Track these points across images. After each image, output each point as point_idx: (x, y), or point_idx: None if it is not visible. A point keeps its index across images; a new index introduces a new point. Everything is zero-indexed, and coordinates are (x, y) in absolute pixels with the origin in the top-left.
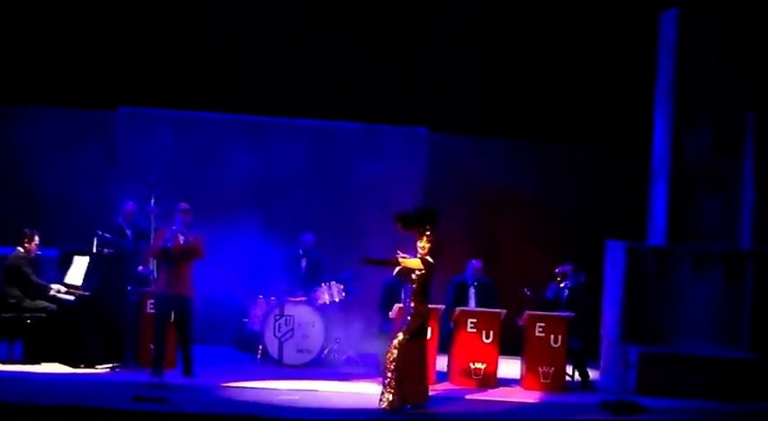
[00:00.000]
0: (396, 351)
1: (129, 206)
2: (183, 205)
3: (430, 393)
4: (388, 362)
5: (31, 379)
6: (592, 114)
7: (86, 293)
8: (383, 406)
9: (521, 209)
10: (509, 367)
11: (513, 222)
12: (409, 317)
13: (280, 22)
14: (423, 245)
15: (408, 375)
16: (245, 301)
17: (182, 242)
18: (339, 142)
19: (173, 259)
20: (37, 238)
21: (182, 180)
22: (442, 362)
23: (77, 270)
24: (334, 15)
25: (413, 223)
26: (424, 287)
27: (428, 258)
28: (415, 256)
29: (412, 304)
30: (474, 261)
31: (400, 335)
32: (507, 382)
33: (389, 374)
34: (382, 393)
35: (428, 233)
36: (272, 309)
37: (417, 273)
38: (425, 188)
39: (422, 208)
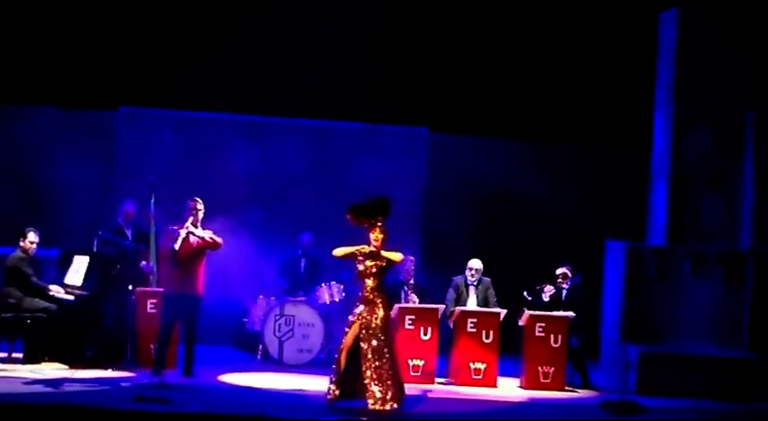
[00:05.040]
0: (387, 355)
1: (129, 206)
2: (193, 203)
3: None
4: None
5: (31, 379)
6: (592, 114)
7: (86, 293)
8: (386, 408)
9: (521, 209)
10: (509, 367)
11: (513, 222)
12: (377, 316)
13: (280, 22)
14: (376, 236)
15: (397, 373)
16: (245, 301)
17: (192, 242)
18: (340, 142)
19: (182, 260)
20: (36, 237)
21: (182, 180)
22: (442, 362)
23: (77, 270)
24: (333, 15)
25: (364, 215)
26: (384, 279)
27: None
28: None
29: (372, 296)
30: (473, 261)
31: (382, 338)
32: (507, 382)
33: (386, 376)
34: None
35: (380, 224)
36: (272, 308)
37: (381, 265)
38: (426, 188)
39: (373, 198)
